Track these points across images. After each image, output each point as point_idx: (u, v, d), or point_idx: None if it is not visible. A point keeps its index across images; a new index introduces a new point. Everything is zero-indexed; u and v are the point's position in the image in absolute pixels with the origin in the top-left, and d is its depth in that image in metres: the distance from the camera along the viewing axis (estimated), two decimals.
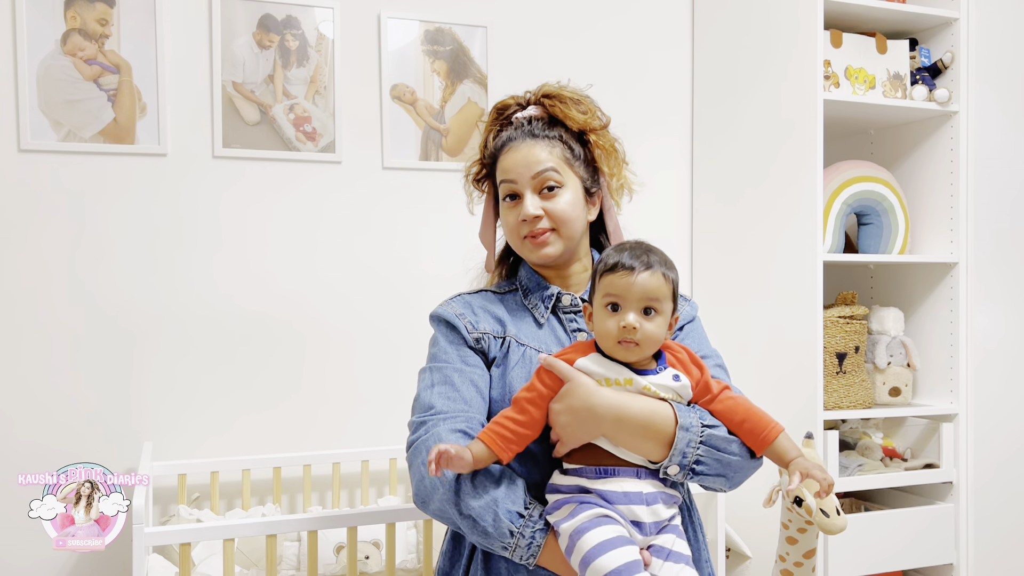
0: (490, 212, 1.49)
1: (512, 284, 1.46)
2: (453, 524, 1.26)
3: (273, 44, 2.34)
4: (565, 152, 1.38)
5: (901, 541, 2.30)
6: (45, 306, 2.19)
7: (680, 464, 1.21)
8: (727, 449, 1.23)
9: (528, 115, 1.41)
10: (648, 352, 1.24)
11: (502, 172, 1.39)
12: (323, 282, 2.41)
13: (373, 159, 2.45)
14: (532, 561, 1.23)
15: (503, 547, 1.23)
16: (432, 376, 1.34)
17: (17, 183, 2.16)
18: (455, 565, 1.38)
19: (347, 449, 2.36)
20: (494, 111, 1.46)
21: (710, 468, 1.22)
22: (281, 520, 1.71)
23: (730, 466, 1.24)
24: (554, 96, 1.41)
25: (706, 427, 1.22)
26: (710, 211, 2.70)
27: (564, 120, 1.39)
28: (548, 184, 1.35)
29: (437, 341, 1.39)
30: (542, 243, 1.36)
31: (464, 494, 1.22)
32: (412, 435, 1.30)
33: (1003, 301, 2.45)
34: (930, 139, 2.49)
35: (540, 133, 1.38)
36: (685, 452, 1.20)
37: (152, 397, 2.27)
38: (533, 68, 2.60)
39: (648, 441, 1.20)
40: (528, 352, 1.35)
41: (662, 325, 1.23)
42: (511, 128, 1.42)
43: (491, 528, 1.21)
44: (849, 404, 2.34)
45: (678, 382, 1.25)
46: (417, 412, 1.32)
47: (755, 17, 2.47)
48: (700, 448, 1.21)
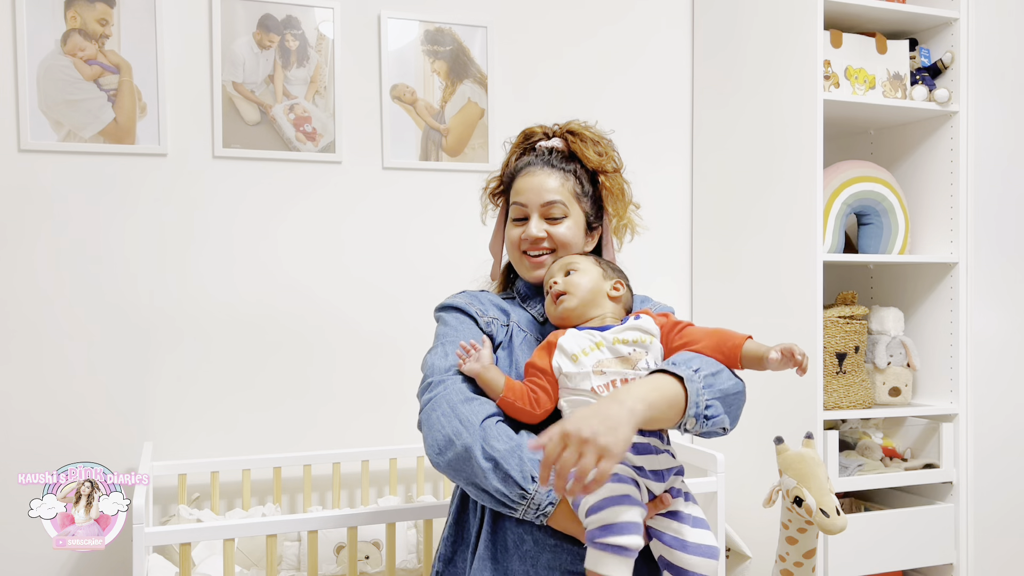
0: (500, 225, 1.59)
1: (510, 294, 1.56)
2: (467, 475, 1.26)
3: (273, 44, 2.34)
4: (576, 187, 1.48)
5: (901, 541, 2.30)
6: (44, 306, 2.19)
7: (696, 415, 1.24)
8: (719, 382, 1.28)
9: (550, 145, 1.52)
10: (579, 304, 1.36)
11: (516, 193, 1.49)
12: (323, 282, 2.41)
13: (373, 159, 2.45)
14: (549, 511, 1.25)
15: (521, 495, 1.24)
16: (445, 348, 1.39)
17: (17, 183, 2.16)
18: (459, 550, 1.40)
19: (347, 449, 2.36)
20: (521, 136, 1.58)
21: (716, 409, 1.27)
22: (281, 520, 1.71)
23: (727, 398, 1.29)
24: (577, 134, 1.52)
25: (695, 371, 1.26)
26: (710, 211, 2.70)
27: (581, 157, 1.50)
28: (553, 213, 1.45)
29: (447, 322, 1.45)
30: (539, 264, 1.46)
31: (489, 437, 1.25)
32: (429, 393, 1.33)
33: (1003, 301, 2.45)
34: (930, 139, 2.49)
35: (557, 164, 1.49)
36: (697, 403, 1.24)
37: (152, 397, 2.27)
38: (533, 68, 2.60)
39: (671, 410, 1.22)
40: (529, 337, 1.44)
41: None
42: (532, 154, 1.53)
43: (515, 471, 1.24)
44: (849, 404, 2.34)
45: (638, 320, 1.34)
46: (432, 376, 1.35)
47: (755, 17, 2.47)
48: (704, 392, 1.25)
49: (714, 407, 1.26)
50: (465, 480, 1.27)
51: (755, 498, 1.87)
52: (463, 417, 1.27)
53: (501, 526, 1.32)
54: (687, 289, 2.77)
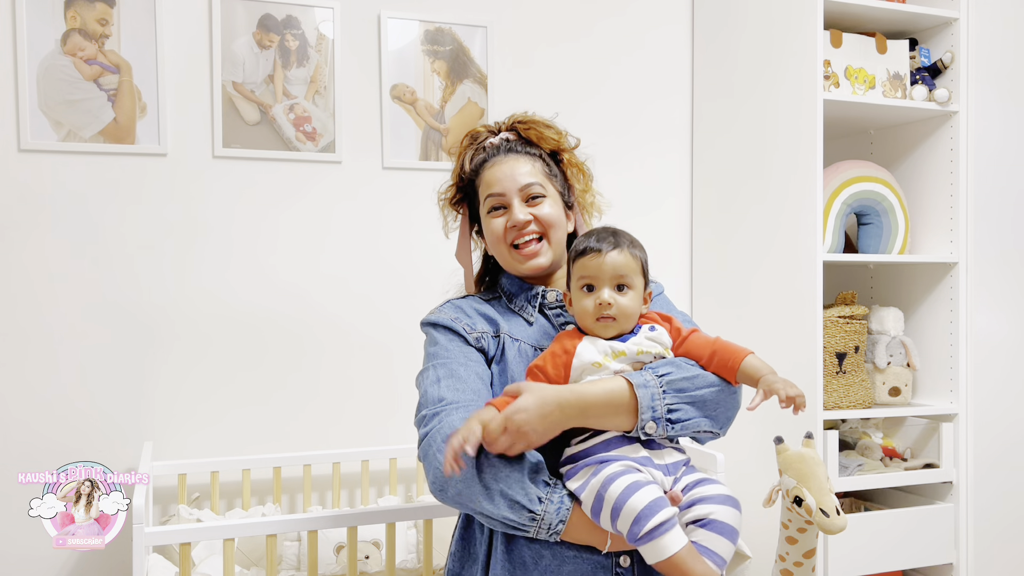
0: (466, 232, 1.54)
1: (495, 292, 1.50)
2: (475, 505, 1.24)
3: (273, 44, 2.34)
4: (544, 168, 1.46)
5: (901, 541, 2.30)
6: (44, 306, 2.19)
7: (654, 419, 1.24)
8: (693, 387, 1.26)
9: (503, 138, 1.48)
10: (625, 326, 1.32)
11: (486, 186, 1.44)
12: (323, 282, 2.41)
13: (373, 159, 2.45)
14: (561, 528, 1.24)
15: (531, 517, 1.23)
16: (436, 372, 1.35)
17: (17, 183, 2.16)
18: (466, 566, 1.38)
19: (347, 449, 2.36)
20: (467, 137, 1.52)
21: (686, 412, 1.25)
22: (281, 520, 1.71)
23: (706, 403, 1.27)
24: (526, 121, 1.49)
25: (661, 376, 1.26)
26: (710, 211, 2.70)
27: (539, 141, 1.47)
28: (534, 194, 1.42)
29: (436, 341, 1.41)
30: (532, 254, 1.41)
31: (487, 467, 1.23)
32: (424, 428, 1.30)
33: (1003, 301, 2.45)
34: (930, 139, 2.49)
35: (521, 150, 1.46)
36: (653, 407, 1.24)
37: (152, 396, 2.27)
38: (533, 68, 2.60)
39: (618, 415, 1.24)
40: (523, 347, 1.39)
41: (635, 299, 1.32)
42: (488, 150, 1.47)
43: (520, 496, 1.22)
44: (849, 404, 2.34)
45: (654, 331, 1.33)
46: (427, 406, 1.32)
47: (755, 17, 2.47)
48: (666, 397, 1.24)
49: (682, 411, 1.25)
50: (472, 511, 1.27)
51: (755, 498, 1.87)
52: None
53: (516, 544, 1.29)
54: (687, 289, 2.77)
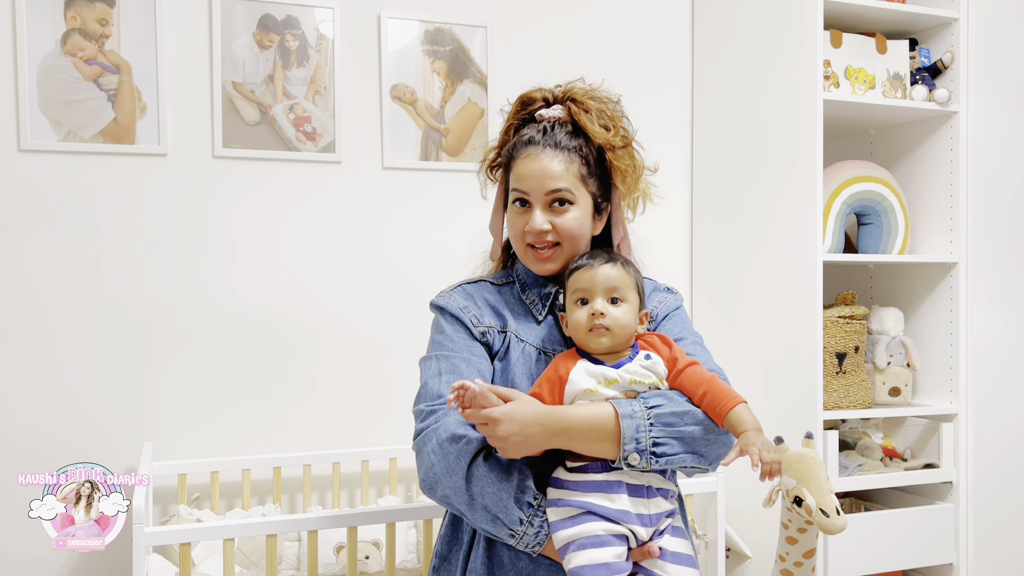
0: (500, 202, 1.48)
1: (509, 276, 1.47)
2: (460, 510, 1.26)
3: (273, 44, 2.34)
4: (581, 168, 1.36)
5: (901, 541, 2.30)
6: (44, 306, 2.19)
7: (638, 451, 1.21)
8: (682, 423, 1.24)
9: (552, 116, 1.38)
10: (619, 338, 1.28)
11: (516, 179, 1.37)
12: (323, 283, 2.41)
13: (373, 159, 2.45)
14: (538, 549, 1.26)
15: (511, 534, 1.24)
16: (439, 364, 1.34)
17: (17, 183, 2.16)
18: (453, 549, 1.39)
19: (347, 449, 2.36)
20: (518, 103, 1.44)
21: (672, 448, 1.23)
22: (281, 520, 1.71)
23: (694, 440, 1.24)
24: (580, 103, 1.38)
25: (651, 408, 1.23)
26: (710, 211, 2.70)
27: (586, 131, 1.37)
28: (560, 199, 1.35)
29: (442, 329, 1.39)
30: (544, 259, 1.38)
31: (476, 479, 1.24)
32: (421, 423, 1.30)
33: (1003, 301, 2.45)
34: (930, 139, 2.49)
35: (562, 143, 1.35)
36: (637, 439, 1.21)
37: (152, 397, 2.27)
38: (533, 68, 2.59)
39: (600, 443, 1.22)
40: (528, 348, 1.37)
41: (629, 312, 1.29)
42: (533, 128, 1.39)
43: (502, 515, 1.23)
44: (849, 404, 2.34)
45: (649, 360, 1.29)
46: (425, 400, 1.32)
47: (755, 17, 2.47)
48: (652, 430, 1.22)
49: (668, 445, 1.22)
50: (457, 512, 1.29)
51: (755, 498, 1.87)
52: (451, 460, 1.24)
53: (496, 543, 1.32)
54: (687, 290, 2.77)
